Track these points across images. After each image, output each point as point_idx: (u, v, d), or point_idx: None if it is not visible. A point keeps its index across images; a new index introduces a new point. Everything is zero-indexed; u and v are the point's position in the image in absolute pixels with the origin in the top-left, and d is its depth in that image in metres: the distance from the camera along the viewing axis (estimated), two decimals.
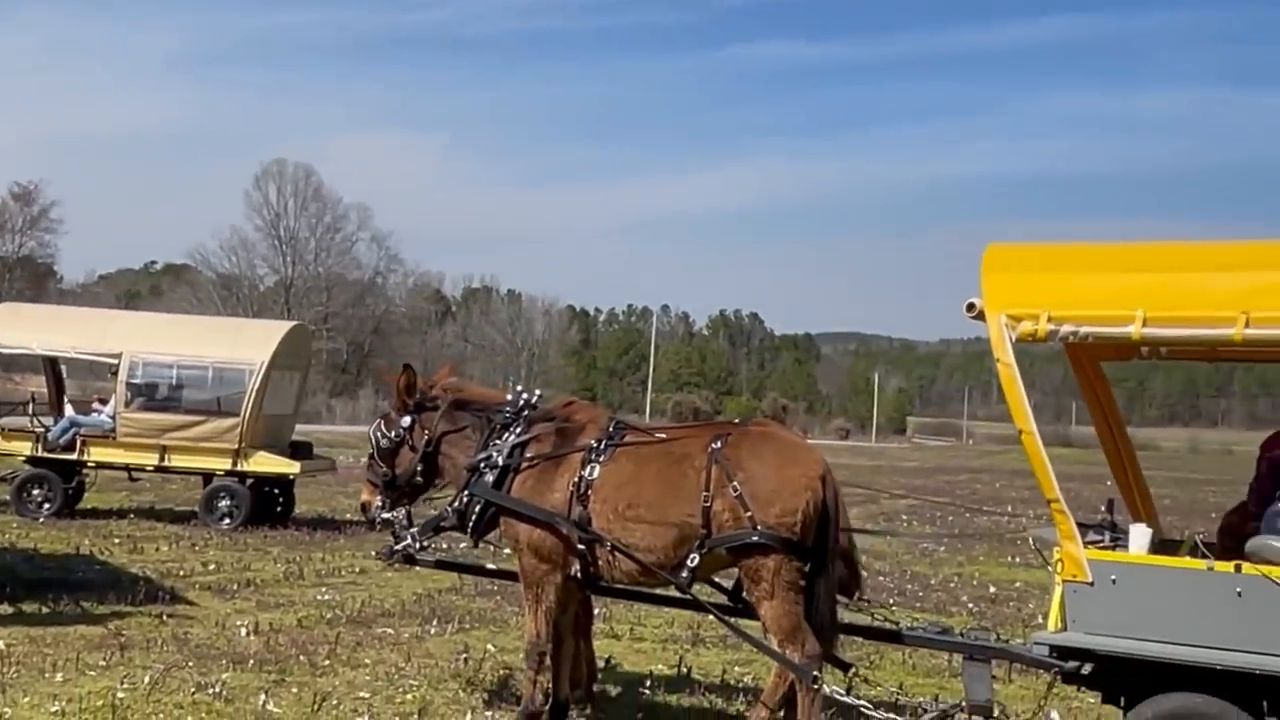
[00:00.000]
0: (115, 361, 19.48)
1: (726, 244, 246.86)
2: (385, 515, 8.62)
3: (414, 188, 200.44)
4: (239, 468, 19.22)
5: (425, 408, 8.49)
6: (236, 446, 19.10)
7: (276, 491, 20.21)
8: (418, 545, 8.72)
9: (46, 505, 18.90)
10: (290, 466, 19.74)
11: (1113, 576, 6.40)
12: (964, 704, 7.15)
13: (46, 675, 8.95)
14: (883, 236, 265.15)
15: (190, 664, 9.54)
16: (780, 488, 7.32)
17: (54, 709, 7.99)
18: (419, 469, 8.45)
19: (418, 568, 10.61)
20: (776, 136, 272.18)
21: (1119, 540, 6.96)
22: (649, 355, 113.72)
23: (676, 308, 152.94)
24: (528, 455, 8.08)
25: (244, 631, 10.97)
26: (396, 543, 8.73)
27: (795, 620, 7.29)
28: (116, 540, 16.68)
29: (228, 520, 18.92)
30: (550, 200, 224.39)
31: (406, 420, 8.48)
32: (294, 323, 24.80)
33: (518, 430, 8.17)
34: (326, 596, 13.30)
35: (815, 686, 7.23)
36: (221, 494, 19.21)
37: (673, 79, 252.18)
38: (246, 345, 19.99)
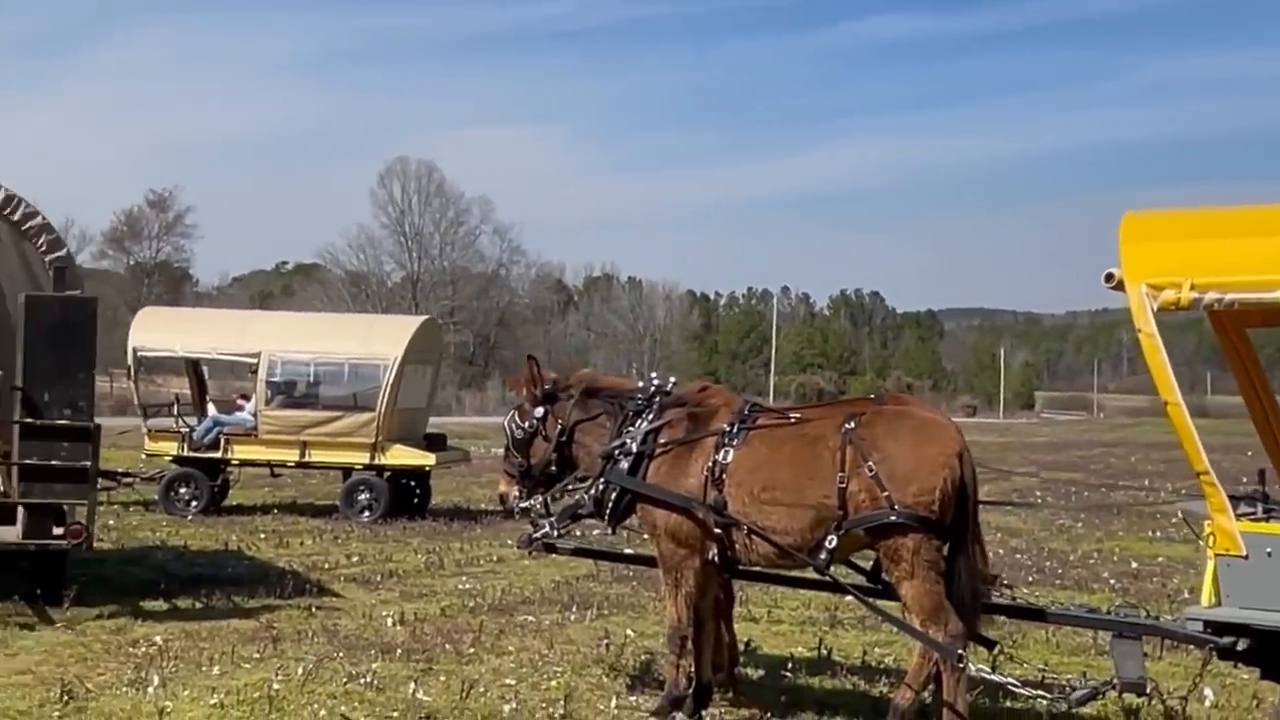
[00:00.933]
0: (254, 361, 19.99)
1: (846, 223, 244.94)
2: (523, 504, 8.75)
3: (533, 179, 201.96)
4: (376, 461, 19.60)
5: (557, 398, 8.59)
6: (374, 440, 19.48)
7: (413, 484, 20.54)
8: (555, 533, 8.84)
9: (194, 503, 19.45)
10: (426, 459, 20.07)
11: (1268, 549, 6.25)
12: (1115, 681, 7.04)
13: (203, 669, 9.21)
14: (1005, 209, 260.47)
15: (340, 654, 9.76)
16: (917, 466, 7.27)
17: (212, 701, 8.22)
18: (553, 458, 8.55)
19: (554, 555, 10.76)
20: (894, 113, 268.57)
21: (1272, 511, 6.79)
22: (770, 337, 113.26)
23: (797, 289, 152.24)
24: (661, 441, 8.13)
25: (390, 621, 11.20)
26: (535, 531, 8.87)
27: (937, 599, 7.24)
28: (262, 535, 17.11)
29: (367, 513, 19.31)
30: (668, 185, 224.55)
31: (539, 411, 8.58)
32: (425, 317, 25.21)
33: (650, 417, 8.23)
34: (467, 585, 13.52)
35: (960, 665, 7.18)
36: (361, 487, 19.60)
37: (788, 58, 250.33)
38: (380, 341, 20.37)
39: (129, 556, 14.65)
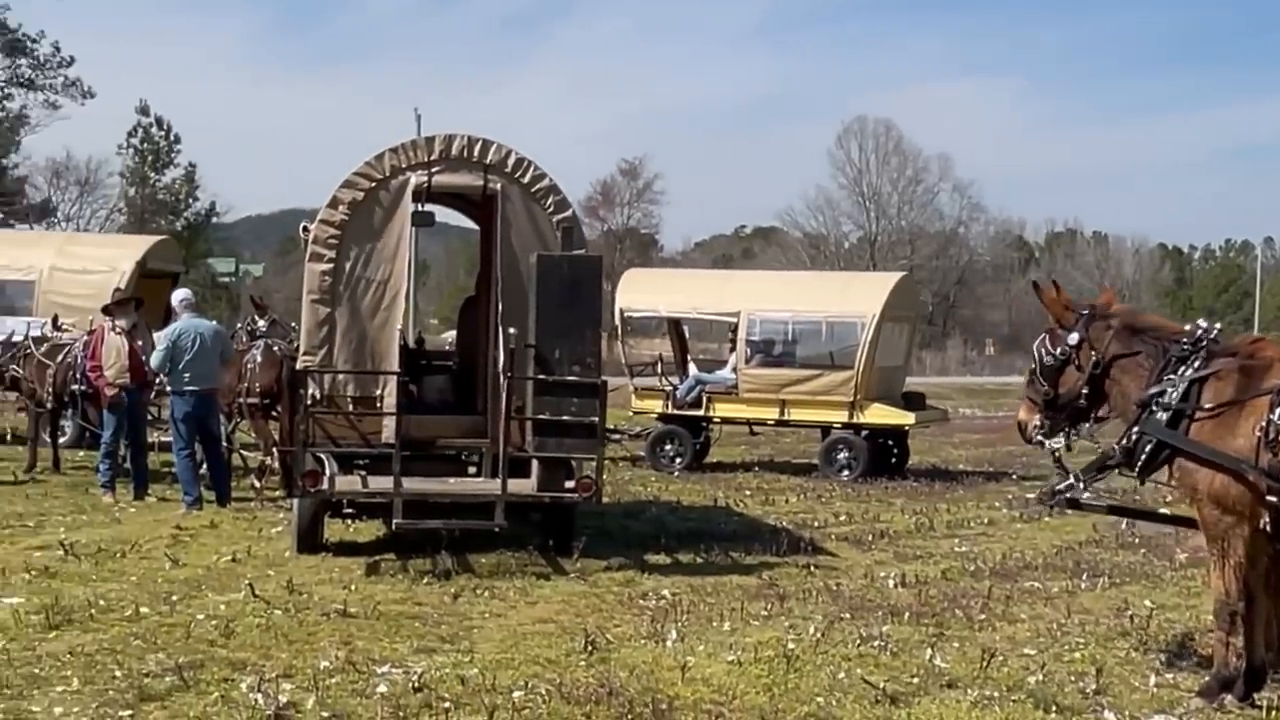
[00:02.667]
0: (734, 320, 20.18)
1: None
2: (1039, 437, 8.11)
3: (993, 134, 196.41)
4: (855, 420, 19.35)
5: (1095, 326, 7.87)
6: (852, 399, 19.23)
7: (890, 443, 20.19)
8: (1081, 485, 8.18)
9: (678, 459, 19.89)
10: (905, 418, 19.66)
11: None
12: None
13: (714, 624, 9.18)
14: None
15: (847, 615, 9.52)
16: None
17: (729, 658, 8.14)
18: (1084, 391, 7.84)
19: (1049, 516, 10.00)
20: None
21: None
22: (1253, 292, 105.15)
23: None
24: (1207, 394, 7.36)
25: (891, 583, 10.87)
26: (1059, 483, 8.24)
27: None
28: (747, 492, 17.23)
29: (846, 472, 19.14)
30: (1134, 135, 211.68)
31: (1074, 338, 7.86)
32: (902, 273, 24.77)
33: (1196, 365, 7.45)
34: (963, 548, 13.01)
35: None
36: (840, 446, 19.44)
37: None
38: (857, 298, 20.12)
39: (626, 510, 15.04)
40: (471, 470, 12.29)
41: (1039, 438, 8.11)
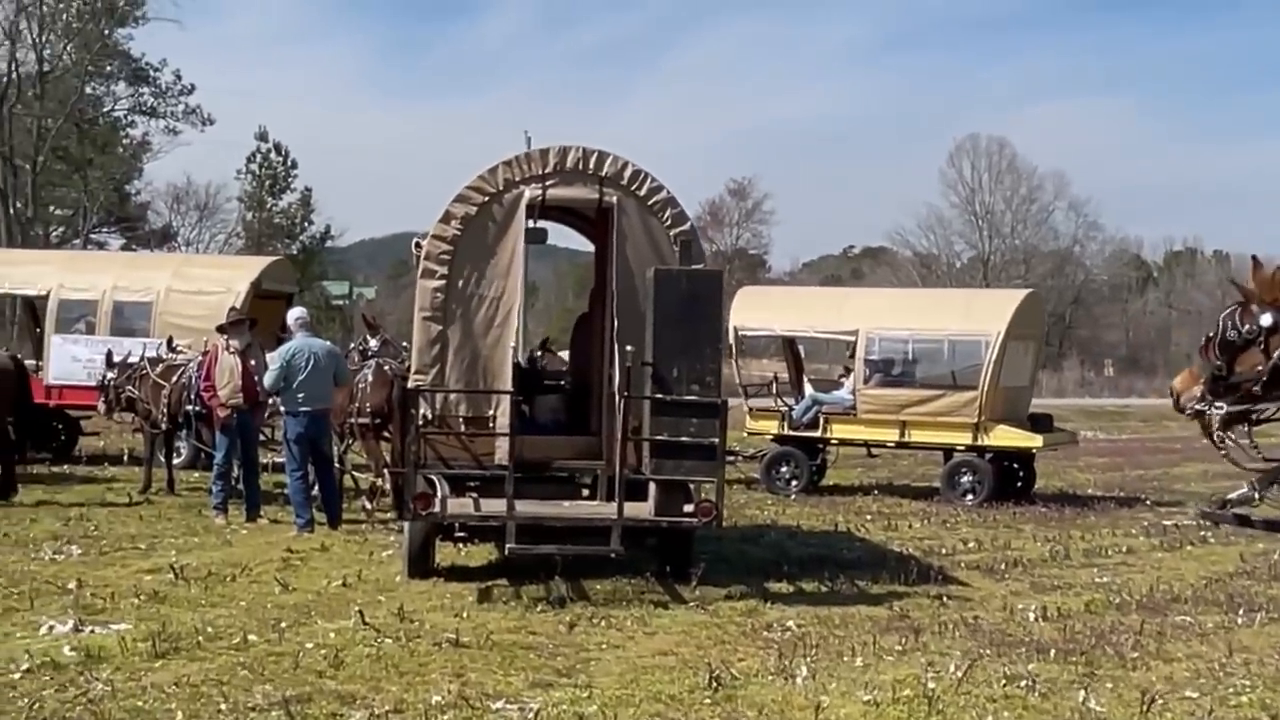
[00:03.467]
0: (851, 339, 19.58)
1: None
2: (1195, 406, 7.37)
3: (1108, 151, 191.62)
4: (979, 442, 18.63)
5: None
6: (975, 420, 18.52)
7: (1016, 466, 19.44)
8: (1256, 495, 7.46)
9: (794, 482, 19.32)
10: (1032, 440, 18.88)
11: None
12: None
13: (845, 660, 8.63)
14: None
15: (988, 652, 8.90)
16: None
17: (865, 698, 7.60)
18: (1261, 378, 7.08)
19: (1192, 545, 9.16)
20: None
21: None
22: None
23: None
24: None
25: (1032, 616, 10.23)
26: (1231, 493, 7.51)
27: None
28: (868, 517, 16.61)
29: (970, 496, 18.42)
30: (1254, 150, 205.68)
31: (1268, 319, 7.10)
32: (1028, 290, 24.00)
33: None
34: (1104, 579, 12.29)
35: None
36: (963, 469, 18.73)
37: None
38: (981, 316, 19.40)
39: (744, 535, 14.50)
40: (585, 493, 11.88)
41: (1195, 407, 7.39)
